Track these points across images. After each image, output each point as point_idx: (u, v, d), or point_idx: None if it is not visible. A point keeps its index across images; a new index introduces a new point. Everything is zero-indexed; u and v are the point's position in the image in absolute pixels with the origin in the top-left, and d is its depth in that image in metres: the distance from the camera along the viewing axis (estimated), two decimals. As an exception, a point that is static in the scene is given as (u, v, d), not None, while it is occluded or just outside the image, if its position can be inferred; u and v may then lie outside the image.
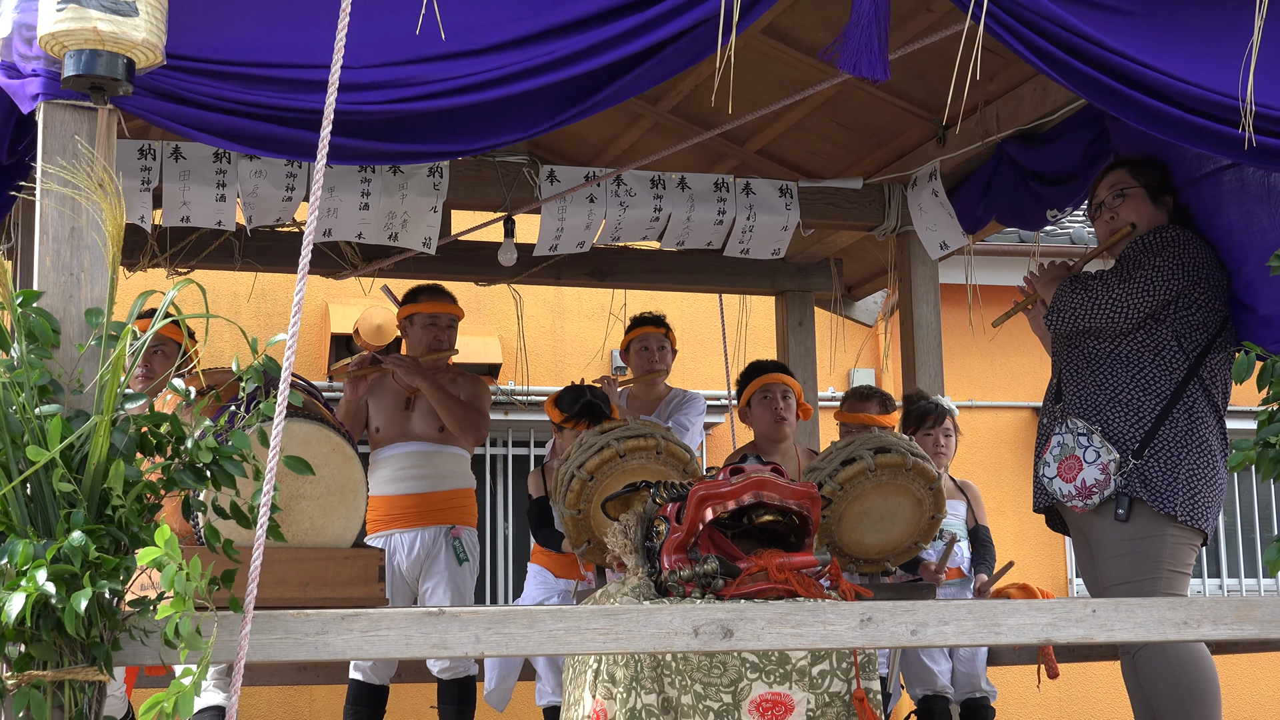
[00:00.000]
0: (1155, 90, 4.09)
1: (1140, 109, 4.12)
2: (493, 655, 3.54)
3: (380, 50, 3.69)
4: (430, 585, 6.60)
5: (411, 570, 6.60)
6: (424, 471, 6.69)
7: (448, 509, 6.71)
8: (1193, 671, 4.87)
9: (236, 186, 6.01)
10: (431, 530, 6.64)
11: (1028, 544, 10.04)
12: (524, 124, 3.85)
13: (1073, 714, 10.42)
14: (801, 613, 3.65)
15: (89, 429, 3.16)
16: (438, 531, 6.64)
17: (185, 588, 3.00)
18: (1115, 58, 4.03)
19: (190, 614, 3.02)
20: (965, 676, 6.65)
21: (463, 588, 6.65)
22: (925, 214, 6.69)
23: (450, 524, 6.67)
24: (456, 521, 6.71)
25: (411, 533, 6.60)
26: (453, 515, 6.71)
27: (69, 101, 3.45)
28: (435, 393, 6.63)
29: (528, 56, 3.76)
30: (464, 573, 6.66)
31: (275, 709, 9.27)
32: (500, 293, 8.36)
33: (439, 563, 6.62)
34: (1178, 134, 4.18)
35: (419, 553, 6.60)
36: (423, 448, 6.71)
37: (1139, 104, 4.11)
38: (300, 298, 3.29)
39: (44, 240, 3.41)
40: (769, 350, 8.18)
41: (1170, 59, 4.08)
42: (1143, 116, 4.14)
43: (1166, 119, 4.13)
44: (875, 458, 5.50)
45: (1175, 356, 5.02)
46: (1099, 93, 4.11)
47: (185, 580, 3.00)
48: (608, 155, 7.39)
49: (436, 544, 6.63)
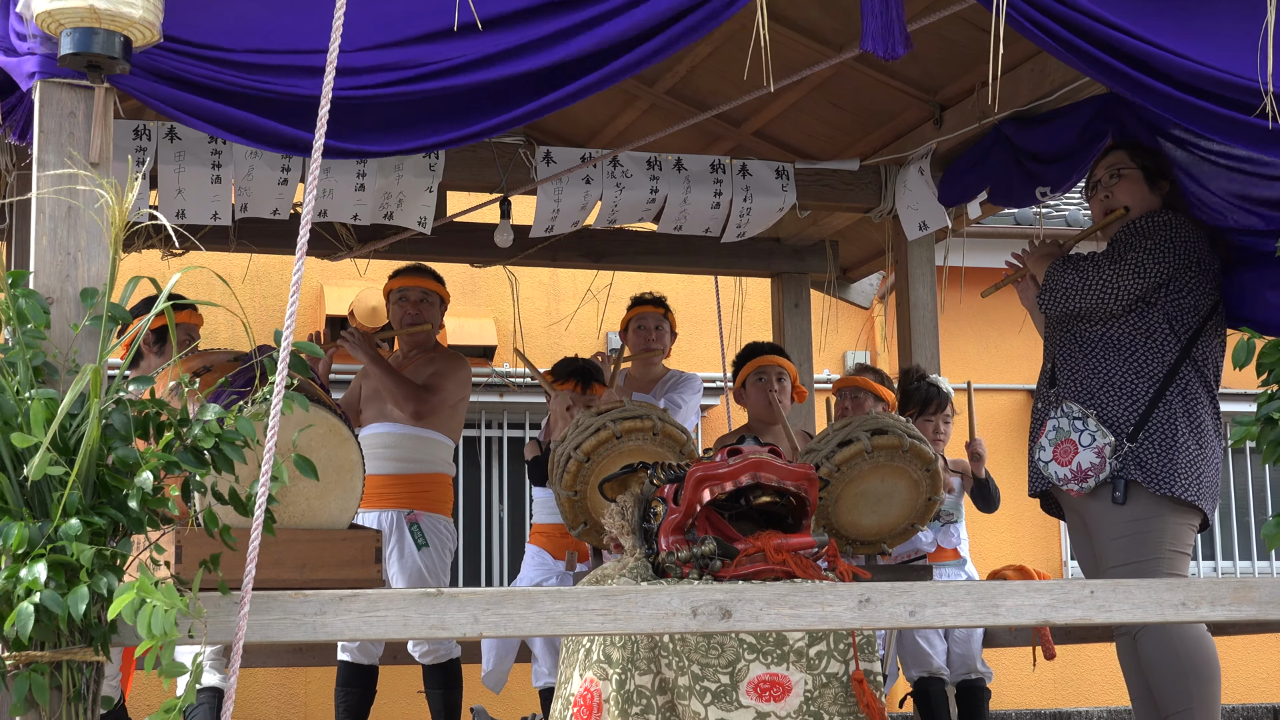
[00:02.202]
0: (1168, 74, 4.05)
1: (1154, 92, 4.08)
2: (491, 636, 3.54)
3: (376, 32, 3.68)
4: (389, 568, 6.55)
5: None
6: (393, 453, 6.64)
7: (411, 493, 6.64)
8: (1195, 652, 4.88)
9: (232, 168, 5.99)
10: (390, 513, 6.58)
11: (1023, 526, 10.06)
12: (520, 103, 3.83)
13: (1067, 695, 10.44)
14: (800, 594, 3.64)
15: (67, 406, 3.12)
16: (396, 515, 6.58)
17: (170, 630, 2.98)
18: (1129, 40, 3.99)
19: (160, 602, 2.99)
20: (961, 658, 6.65)
21: (424, 571, 6.57)
22: (909, 192, 6.68)
23: (409, 508, 6.61)
24: (419, 506, 6.63)
25: (373, 513, 6.53)
26: (417, 500, 6.65)
27: (66, 80, 3.43)
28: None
29: (522, 35, 3.74)
30: (428, 556, 6.58)
31: (271, 691, 9.27)
32: (496, 274, 8.34)
33: (394, 546, 6.55)
34: (1193, 119, 4.14)
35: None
36: (395, 429, 6.67)
37: (1151, 87, 4.06)
38: (298, 278, 3.28)
39: (40, 219, 3.39)
40: (765, 332, 8.18)
41: (1186, 42, 4.04)
42: (1156, 99, 4.10)
43: (1181, 104, 4.08)
44: (872, 439, 5.50)
45: (1167, 339, 5.03)
46: (1112, 76, 4.07)
47: (169, 620, 2.98)
48: (604, 137, 7.37)
49: (395, 527, 6.57)
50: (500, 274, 7.96)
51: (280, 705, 9.32)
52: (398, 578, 6.54)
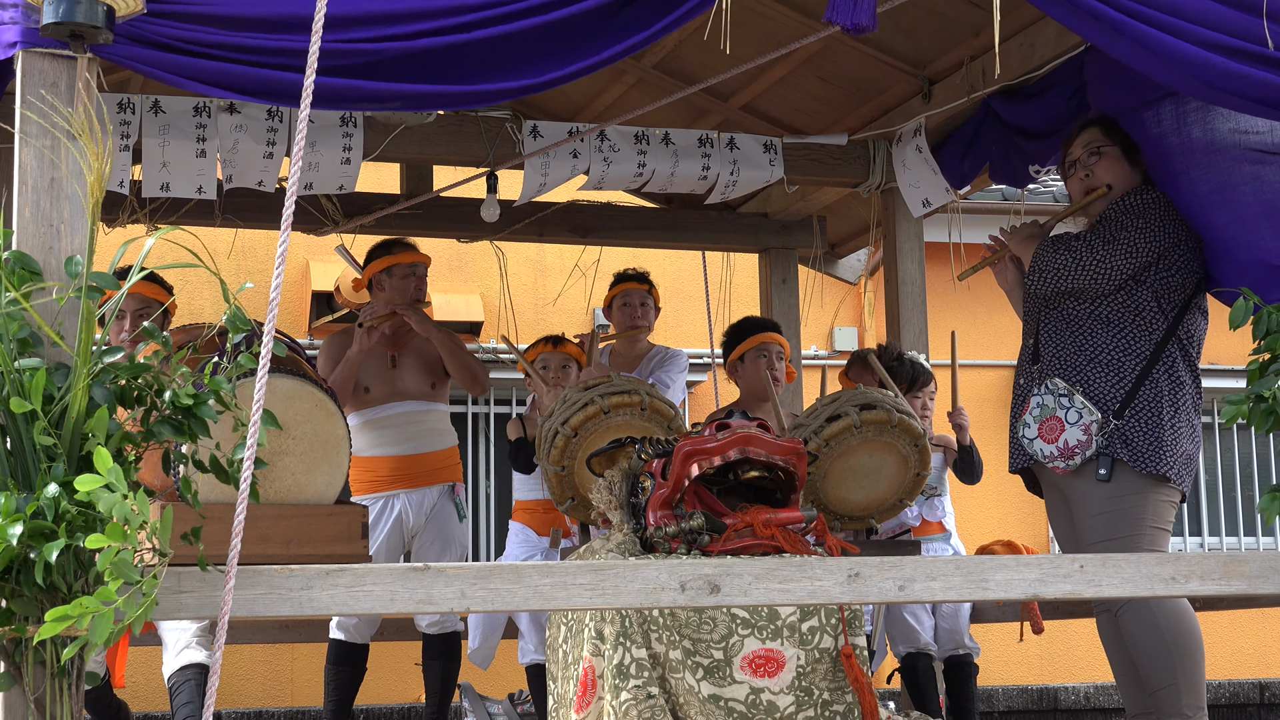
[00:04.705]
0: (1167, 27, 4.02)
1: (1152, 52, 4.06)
2: (479, 611, 3.53)
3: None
4: (426, 540, 6.61)
5: (413, 529, 6.60)
6: (420, 430, 6.71)
7: (446, 467, 6.75)
8: (1176, 625, 4.88)
9: (217, 142, 5.94)
10: (435, 489, 6.67)
11: (1010, 502, 10.06)
12: (515, 73, 3.80)
13: (1054, 671, 10.47)
14: (789, 568, 3.63)
15: (65, 381, 3.11)
16: (441, 490, 6.68)
17: (131, 519, 2.93)
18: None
19: (133, 546, 2.96)
20: (948, 633, 6.66)
21: (457, 543, 6.70)
22: (909, 170, 6.65)
23: (451, 482, 6.71)
24: (455, 479, 6.76)
25: (418, 492, 6.62)
26: (451, 473, 6.76)
27: (48, 50, 3.39)
28: (447, 341, 6.66)
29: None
30: (462, 529, 6.72)
31: (257, 667, 9.26)
32: (482, 250, 8.31)
33: (438, 520, 6.65)
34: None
35: (424, 511, 6.62)
36: (416, 406, 6.71)
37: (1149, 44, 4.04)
38: (284, 249, 3.25)
39: (23, 191, 3.36)
40: (753, 308, 8.16)
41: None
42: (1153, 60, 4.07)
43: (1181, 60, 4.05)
44: (861, 414, 5.49)
45: (1155, 317, 5.02)
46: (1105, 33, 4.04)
47: (129, 510, 2.93)
48: (591, 111, 7.34)
49: (440, 501, 6.65)
50: (487, 249, 7.92)
51: (267, 681, 9.31)
52: (442, 552, 6.60)
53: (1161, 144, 5.12)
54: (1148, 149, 5.18)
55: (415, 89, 3.73)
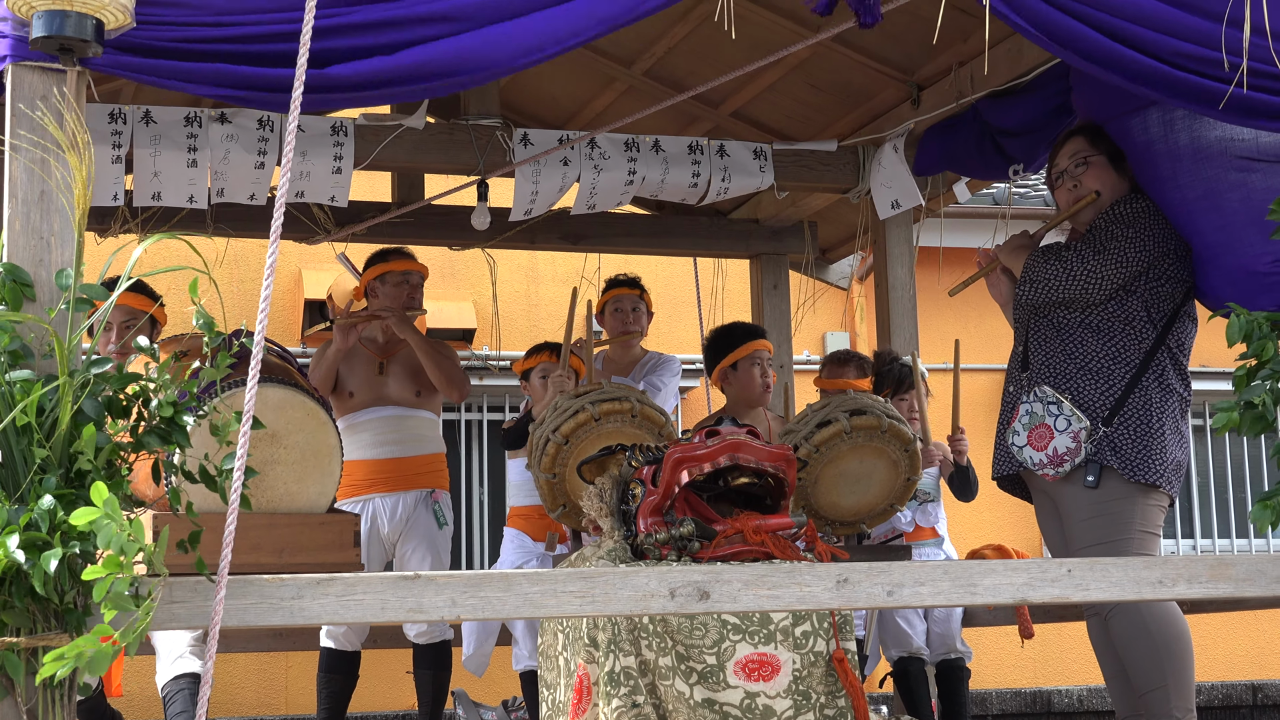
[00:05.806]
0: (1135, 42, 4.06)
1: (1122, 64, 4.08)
2: (469, 619, 3.54)
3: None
4: (409, 549, 6.62)
5: (391, 535, 6.61)
6: (401, 435, 6.71)
7: (425, 473, 6.74)
8: (1166, 628, 4.89)
9: (208, 152, 5.95)
10: (412, 494, 6.66)
11: (1002, 506, 10.02)
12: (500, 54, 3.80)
13: (1047, 674, 10.47)
14: (778, 574, 3.64)
15: (56, 394, 3.12)
16: (418, 496, 6.67)
17: (128, 548, 2.95)
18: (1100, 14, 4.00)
19: (128, 576, 2.97)
20: (940, 637, 6.66)
21: (441, 551, 6.68)
22: (882, 170, 6.65)
23: (430, 488, 6.69)
24: (434, 485, 6.73)
25: (392, 497, 6.62)
26: (430, 479, 6.74)
27: (37, 63, 3.41)
28: (423, 345, 6.67)
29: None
30: (444, 536, 6.70)
31: (250, 676, 9.26)
32: (474, 257, 8.32)
33: (419, 526, 6.64)
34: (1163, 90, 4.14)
35: (400, 517, 6.61)
36: (399, 411, 6.72)
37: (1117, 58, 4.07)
38: (273, 259, 3.27)
39: (13, 204, 3.38)
40: (744, 314, 8.17)
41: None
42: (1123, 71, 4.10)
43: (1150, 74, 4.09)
44: (851, 420, 5.51)
45: (1144, 326, 5.04)
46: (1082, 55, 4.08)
47: (128, 541, 2.95)
48: (581, 119, 7.35)
49: (417, 508, 6.65)
50: (479, 257, 7.93)
51: (260, 690, 9.31)
52: (424, 559, 6.59)
53: (1149, 150, 5.13)
54: (1135, 155, 5.19)
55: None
